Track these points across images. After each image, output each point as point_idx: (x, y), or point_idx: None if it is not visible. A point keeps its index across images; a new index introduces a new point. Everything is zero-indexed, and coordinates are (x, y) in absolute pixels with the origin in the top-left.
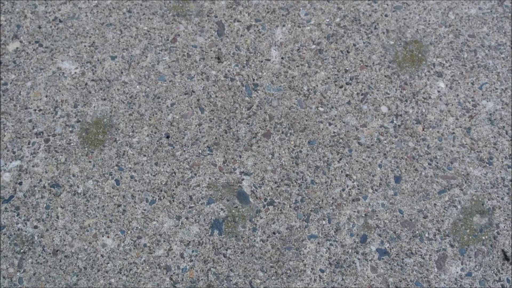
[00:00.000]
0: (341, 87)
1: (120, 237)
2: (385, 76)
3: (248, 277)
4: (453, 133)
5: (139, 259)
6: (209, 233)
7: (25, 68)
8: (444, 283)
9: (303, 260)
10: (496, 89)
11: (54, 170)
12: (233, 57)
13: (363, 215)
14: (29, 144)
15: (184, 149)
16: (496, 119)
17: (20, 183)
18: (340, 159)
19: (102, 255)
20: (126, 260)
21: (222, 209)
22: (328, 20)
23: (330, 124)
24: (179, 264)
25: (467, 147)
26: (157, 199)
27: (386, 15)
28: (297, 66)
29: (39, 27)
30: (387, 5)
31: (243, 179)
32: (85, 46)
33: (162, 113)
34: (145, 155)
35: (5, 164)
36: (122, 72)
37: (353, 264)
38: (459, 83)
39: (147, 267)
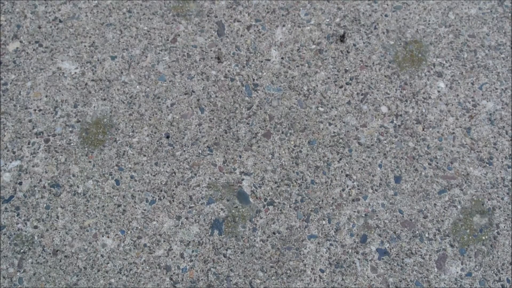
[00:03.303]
0: (341, 87)
1: (120, 237)
2: (385, 76)
3: (248, 277)
4: (453, 133)
5: (139, 259)
6: (209, 233)
7: (25, 68)
8: (444, 283)
9: (303, 260)
10: (496, 89)
11: (54, 170)
12: (233, 57)
13: (363, 215)
14: (29, 144)
15: (184, 149)
16: (496, 119)
17: (20, 183)
18: (340, 159)
19: (102, 255)
20: (126, 260)
21: (222, 209)
22: (328, 20)
23: (330, 124)
24: (179, 264)
25: (467, 147)
26: (157, 199)
27: (386, 15)
28: (297, 66)
29: (39, 27)
30: (387, 5)
31: (243, 179)
32: (85, 46)
33: (162, 113)
34: (145, 155)
35: (5, 164)
36: (122, 72)
37: (353, 264)
38: (459, 83)
39: (147, 267)
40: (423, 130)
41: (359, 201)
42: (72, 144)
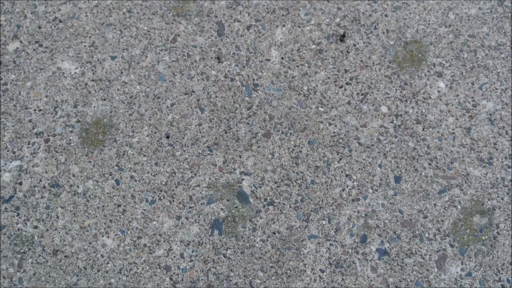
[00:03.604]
0: (341, 87)
1: (120, 237)
2: (385, 76)
3: (248, 277)
4: (453, 133)
5: (139, 259)
6: (209, 233)
7: (25, 68)
8: (444, 283)
9: (303, 260)
10: (496, 89)
11: (54, 170)
12: (233, 57)
13: (363, 215)
14: (29, 144)
15: (184, 149)
16: (496, 119)
17: (20, 183)
18: (340, 159)
19: (102, 255)
20: (126, 260)
21: (222, 209)
22: (328, 20)
23: (330, 124)
24: (179, 264)
25: (467, 147)
26: (157, 199)
27: (386, 15)
28: (297, 66)
29: (39, 27)
30: (387, 5)
31: (243, 179)
32: (85, 46)
33: (162, 113)
34: (145, 155)
35: (5, 164)
36: (122, 72)
37: (353, 264)
38: (459, 83)
39: (147, 267)
40: (423, 130)
41: (359, 201)
42: (72, 144)
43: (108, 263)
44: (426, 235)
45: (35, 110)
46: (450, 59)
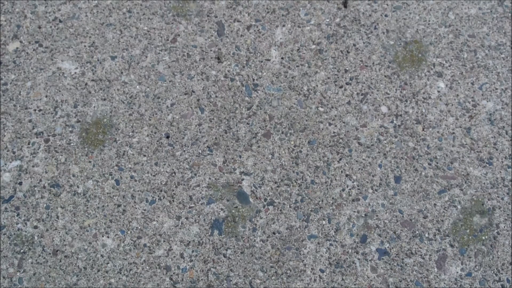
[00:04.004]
0: (341, 87)
1: (120, 237)
2: (385, 76)
3: (248, 277)
4: (453, 133)
5: (139, 259)
6: (209, 233)
7: (25, 68)
8: (444, 283)
9: (303, 260)
10: (496, 89)
11: (54, 170)
12: (233, 57)
13: (363, 215)
14: (29, 144)
15: (184, 149)
16: (496, 119)
17: (20, 183)
18: (340, 159)
19: (102, 255)
20: (126, 260)
21: (222, 209)
22: (328, 20)
23: (330, 124)
24: (179, 264)
25: (467, 147)
26: (157, 199)
27: (386, 15)
28: (297, 66)
29: (39, 27)
30: (387, 5)
31: (243, 179)
32: (85, 46)
33: (162, 113)
34: (145, 155)
35: (5, 164)
36: (122, 72)
37: (353, 264)
38: (459, 83)
39: (147, 267)
40: (423, 130)
41: (359, 201)
42: (72, 144)
43: (108, 263)
44: (426, 235)
45: (35, 110)
46: (450, 59)
